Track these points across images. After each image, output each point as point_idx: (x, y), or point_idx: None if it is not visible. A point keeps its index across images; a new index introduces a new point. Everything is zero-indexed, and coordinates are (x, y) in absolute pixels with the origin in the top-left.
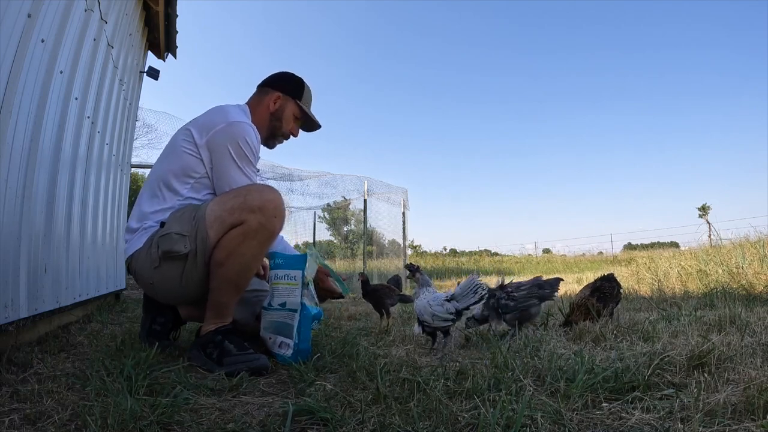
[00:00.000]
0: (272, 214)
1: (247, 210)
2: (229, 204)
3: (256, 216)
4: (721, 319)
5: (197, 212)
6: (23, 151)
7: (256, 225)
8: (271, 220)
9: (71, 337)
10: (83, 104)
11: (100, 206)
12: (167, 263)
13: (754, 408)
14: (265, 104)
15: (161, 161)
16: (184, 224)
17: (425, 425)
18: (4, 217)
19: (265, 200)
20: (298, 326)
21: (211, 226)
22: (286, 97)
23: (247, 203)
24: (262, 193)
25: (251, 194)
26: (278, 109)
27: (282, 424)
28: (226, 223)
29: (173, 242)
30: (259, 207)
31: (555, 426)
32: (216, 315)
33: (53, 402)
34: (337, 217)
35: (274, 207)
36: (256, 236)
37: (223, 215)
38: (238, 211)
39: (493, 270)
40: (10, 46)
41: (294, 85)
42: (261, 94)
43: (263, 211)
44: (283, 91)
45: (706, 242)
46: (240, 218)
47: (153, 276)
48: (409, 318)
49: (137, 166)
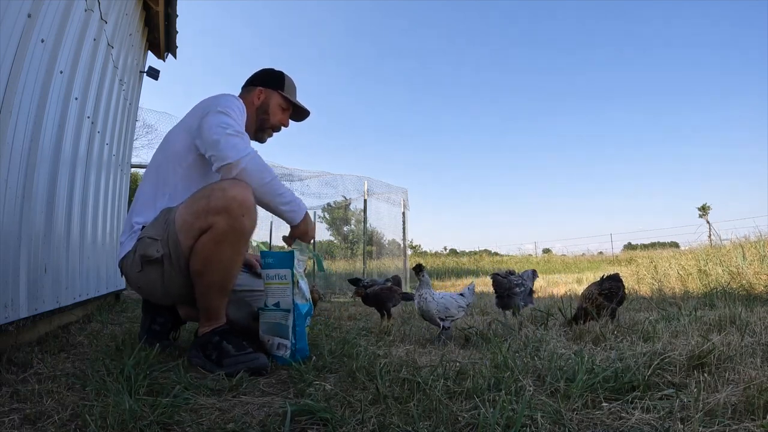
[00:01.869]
0: (239, 213)
1: (213, 212)
2: (195, 206)
3: (223, 218)
4: (721, 319)
5: (168, 215)
6: (23, 151)
7: (224, 228)
8: (239, 220)
9: (71, 337)
10: (83, 104)
11: (100, 206)
12: (147, 267)
13: (754, 408)
14: (250, 101)
15: (158, 150)
16: (157, 228)
17: (425, 425)
18: (4, 217)
19: (229, 199)
20: (293, 326)
21: (180, 231)
22: (269, 90)
23: (210, 205)
24: (225, 191)
25: (214, 193)
26: (263, 102)
27: (282, 424)
28: (195, 227)
29: (146, 246)
30: (224, 207)
31: (555, 426)
32: (209, 318)
33: (53, 402)
34: (337, 217)
35: (240, 205)
36: (227, 239)
37: (189, 220)
38: (203, 215)
39: (493, 270)
40: (10, 46)
41: (274, 78)
42: (246, 93)
43: (229, 212)
44: (264, 85)
45: (706, 242)
46: (207, 222)
47: (139, 279)
48: (409, 318)
49: (137, 166)
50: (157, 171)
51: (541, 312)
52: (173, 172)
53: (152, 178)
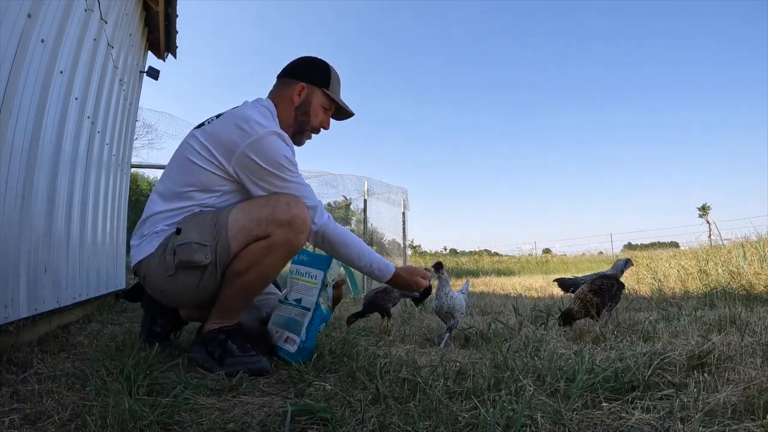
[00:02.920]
0: (299, 229)
1: (276, 223)
2: (256, 214)
3: (284, 230)
4: (721, 319)
5: (218, 220)
6: (23, 151)
7: (282, 240)
8: (297, 236)
9: (71, 337)
10: (83, 104)
11: (100, 206)
12: (184, 272)
13: (754, 408)
14: (288, 98)
15: (177, 169)
16: (204, 233)
17: (425, 425)
18: (4, 217)
19: (294, 215)
20: (308, 325)
21: (234, 237)
22: (312, 87)
23: (275, 216)
24: (291, 206)
25: (279, 205)
26: (304, 102)
27: (282, 424)
28: (252, 234)
29: (193, 252)
30: (288, 221)
31: (555, 426)
32: (222, 316)
33: (53, 402)
34: (338, 216)
35: (302, 222)
36: (280, 251)
37: (249, 225)
38: (265, 223)
39: (492, 270)
40: (10, 46)
41: (319, 72)
42: (283, 86)
43: (291, 226)
44: (307, 81)
45: (707, 242)
46: (267, 231)
47: (166, 283)
48: (409, 318)
49: (137, 166)
50: (176, 188)
51: (541, 312)
52: (204, 195)
53: (169, 189)
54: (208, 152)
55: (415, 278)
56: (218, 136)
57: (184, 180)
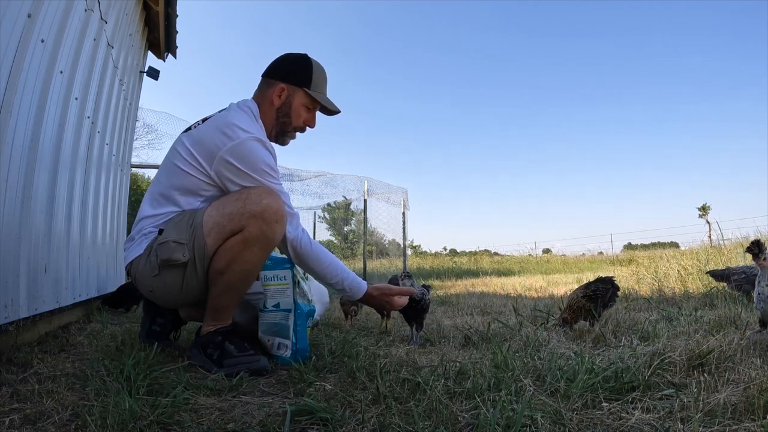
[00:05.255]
0: (273, 219)
1: (247, 216)
2: (229, 208)
3: (257, 222)
4: (721, 319)
5: (194, 219)
6: (23, 151)
7: (256, 232)
8: (272, 227)
9: (71, 337)
10: (83, 104)
11: (100, 206)
12: (167, 271)
13: (754, 408)
14: (269, 99)
15: (165, 174)
16: (181, 231)
17: (425, 425)
18: (4, 217)
19: (265, 205)
20: (294, 326)
21: (208, 234)
22: (293, 87)
23: (246, 208)
24: (262, 197)
25: (251, 197)
26: (284, 103)
27: (282, 424)
28: (226, 230)
29: (171, 250)
30: (260, 213)
31: (555, 426)
32: (216, 317)
33: (53, 402)
34: (338, 217)
35: (274, 212)
36: (256, 243)
37: (222, 221)
38: (237, 217)
39: (492, 270)
40: (10, 46)
41: (300, 71)
42: (265, 87)
43: (264, 217)
44: (287, 81)
45: (707, 242)
46: (240, 224)
47: (153, 283)
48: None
49: (137, 166)
50: (165, 191)
51: (541, 312)
52: (190, 199)
53: (158, 193)
54: (193, 157)
55: (387, 299)
56: (202, 141)
57: (172, 184)
